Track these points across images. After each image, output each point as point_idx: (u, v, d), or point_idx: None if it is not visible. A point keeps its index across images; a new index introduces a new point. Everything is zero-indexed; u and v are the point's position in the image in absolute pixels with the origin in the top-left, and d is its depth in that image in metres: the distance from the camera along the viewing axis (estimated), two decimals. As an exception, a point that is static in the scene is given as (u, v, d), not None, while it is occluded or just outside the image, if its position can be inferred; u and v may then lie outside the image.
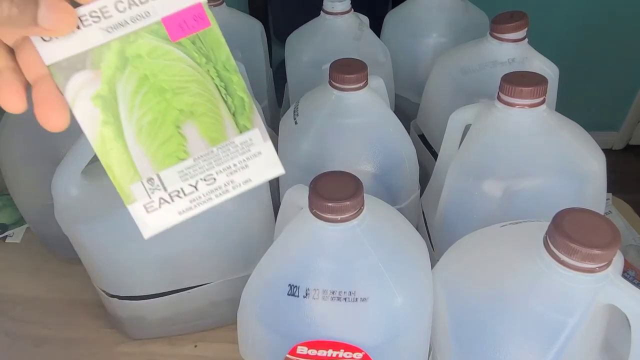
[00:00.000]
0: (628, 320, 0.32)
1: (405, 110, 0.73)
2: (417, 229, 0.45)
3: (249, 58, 0.70)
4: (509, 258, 0.37)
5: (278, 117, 0.71)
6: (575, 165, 0.47)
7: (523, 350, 0.34)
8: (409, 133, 0.57)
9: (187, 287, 0.53)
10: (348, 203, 0.35)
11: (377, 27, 0.75)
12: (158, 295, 0.53)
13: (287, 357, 0.39)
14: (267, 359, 0.41)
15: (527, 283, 0.34)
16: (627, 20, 1.62)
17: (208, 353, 0.57)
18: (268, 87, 0.79)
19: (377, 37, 0.71)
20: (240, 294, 0.41)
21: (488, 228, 0.42)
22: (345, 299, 0.36)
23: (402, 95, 0.75)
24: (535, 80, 0.45)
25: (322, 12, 0.69)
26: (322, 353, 0.38)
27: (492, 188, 0.47)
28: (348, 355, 0.38)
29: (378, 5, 1.35)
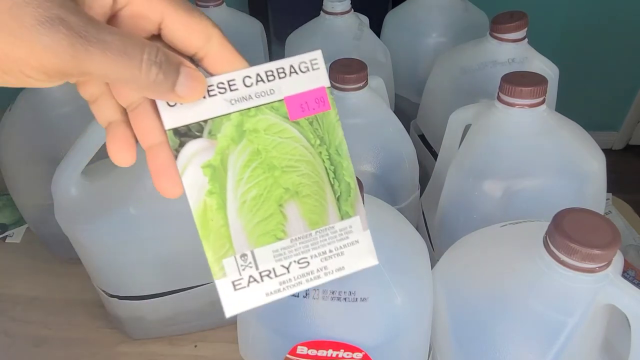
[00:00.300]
0: (628, 320, 0.32)
1: (405, 110, 0.73)
2: (417, 229, 0.45)
3: (249, 58, 0.69)
4: (509, 258, 0.37)
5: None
6: (575, 165, 0.47)
7: (523, 350, 0.34)
8: (409, 133, 0.57)
9: (187, 287, 0.53)
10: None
11: (377, 27, 0.76)
12: (158, 295, 0.53)
13: (287, 357, 0.39)
14: (267, 359, 0.41)
15: (527, 283, 0.34)
16: (627, 21, 1.62)
17: (208, 353, 0.57)
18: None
19: (377, 37, 0.71)
20: (240, 294, 0.41)
21: (488, 228, 0.42)
22: (345, 299, 0.36)
23: (402, 95, 0.75)
24: (535, 80, 0.45)
25: (322, 12, 0.69)
26: (322, 353, 0.38)
27: (492, 188, 0.47)
28: (348, 355, 0.38)
29: (378, 5, 1.35)
